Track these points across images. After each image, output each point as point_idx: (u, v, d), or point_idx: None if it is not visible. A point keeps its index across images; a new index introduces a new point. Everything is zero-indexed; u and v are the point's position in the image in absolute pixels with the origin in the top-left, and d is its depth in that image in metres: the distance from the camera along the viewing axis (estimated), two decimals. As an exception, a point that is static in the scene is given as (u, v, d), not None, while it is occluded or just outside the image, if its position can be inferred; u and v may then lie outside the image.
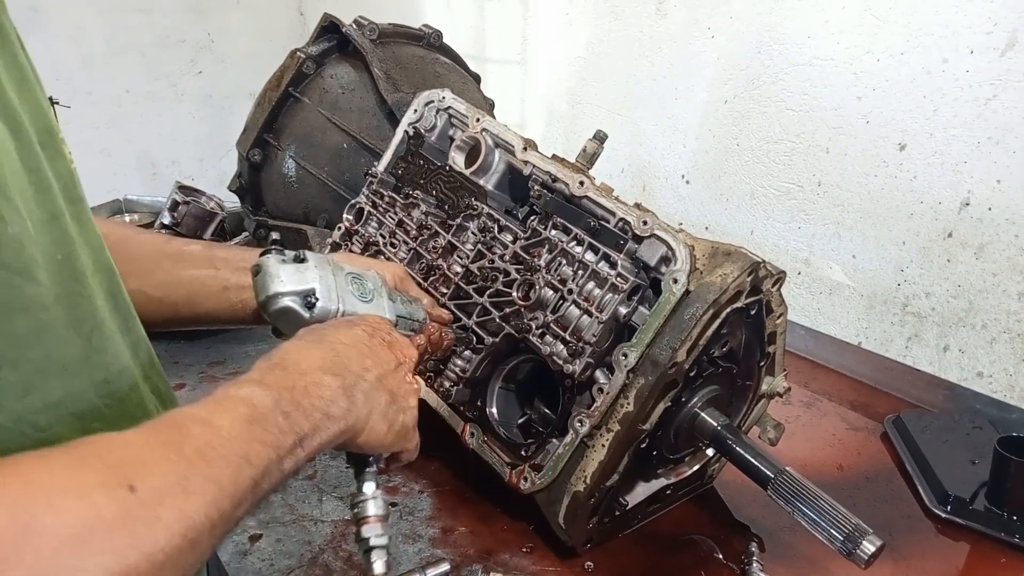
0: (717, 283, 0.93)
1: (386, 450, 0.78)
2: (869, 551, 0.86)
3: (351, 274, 0.85)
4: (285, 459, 0.61)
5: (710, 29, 1.96)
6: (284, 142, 1.56)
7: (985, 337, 1.53)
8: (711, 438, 1.02)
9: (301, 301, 0.78)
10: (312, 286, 0.79)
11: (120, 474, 0.49)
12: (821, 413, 1.49)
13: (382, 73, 1.49)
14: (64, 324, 0.58)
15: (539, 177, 1.11)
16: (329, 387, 0.68)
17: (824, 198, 1.77)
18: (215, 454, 0.55)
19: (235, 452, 0.56)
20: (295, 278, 0.79)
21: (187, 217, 2.05)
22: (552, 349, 1.02)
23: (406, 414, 0.78)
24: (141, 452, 0.52)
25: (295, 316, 0.78)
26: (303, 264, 0.80)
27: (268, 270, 0.78)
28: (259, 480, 0.58)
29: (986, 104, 1.44)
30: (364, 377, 0.73)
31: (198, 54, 3.62)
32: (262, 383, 0.64)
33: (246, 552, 1.06)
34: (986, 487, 1.15)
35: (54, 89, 2.52)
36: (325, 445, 0.67)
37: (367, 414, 0.72)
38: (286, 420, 0.62)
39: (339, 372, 0.70)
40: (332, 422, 0.67)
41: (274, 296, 0.77)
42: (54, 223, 0.59)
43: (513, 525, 1.12)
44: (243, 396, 0.62)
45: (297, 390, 0.65)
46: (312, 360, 0.70)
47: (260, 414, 0.61)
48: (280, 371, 0.67)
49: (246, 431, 0.59)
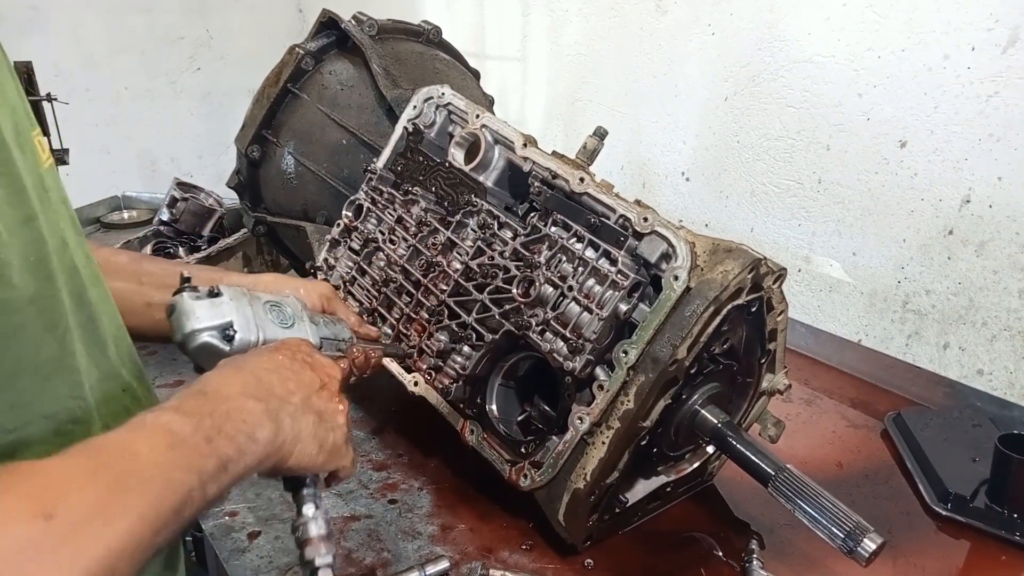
0: (718, 280, 0.92)
1: (320, 470, 0.78)
2: (870, 549, 0.86)
3: (269, 302, 0.85)
4: (208, 484, 0.60)
5: (710, 26, 1.95)
6: (283, 138, 1.55)
7: (985, 335, 1.53)
8: (711, 435, 1.02)
9: (219, 335, 0.77)
10: (229, 319, 0.78)
11: (38, 502, 0.49)
12: (821, 410, 1.49)
13: (381, 69, 1.48)
14: (37, 326, 0.58)
15: (539, 173, 1.11)
16: (252, 411, 0.68)
17: (824, 195, 1.77)
18: (135, 481, 0.55)
19: (155, 479, 0.56)
20: (210, 313, 0.78)
21: (185, 214, 2.05)
22: (552, 346, 1.02)
23: (335, 432, 0.78)
24: (60, 480, 0.51)
25: (215, 350, 0.77)
26: (218, 298, 0.79)
27: (183, 308, 0.77)
28: (180, 507, 0.57)
29: (987, 101, 1.44)
30: (289, 400, 0.73)
31: (197, 51, 3.61)
32: (180, 409, 0.63)
33: (244, 549, 1.05)
34: (987, 485, 1.15)
35: (53, 86, 2.53)
36: (252, 469, 0.66)
37: (295, 436, 0.72)
38: (208, 445, 0.61)
39: (262, 397, 0.70)
40: (257, 445, 0.67)
41: (191, 333, 0.77)
42: (29, 225, 0.59)
43: (513, 522, 1.12)
44: (162, 423, 0.61)
45: (219, 415, 0.65)
46: (234, 386, 0.69)
47: (180, 439, 0.60)
48: (201, 397, 0.66)
49: (166, 457, 0.58)
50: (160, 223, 2.07)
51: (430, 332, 1.16)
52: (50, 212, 0.64)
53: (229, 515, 1.12)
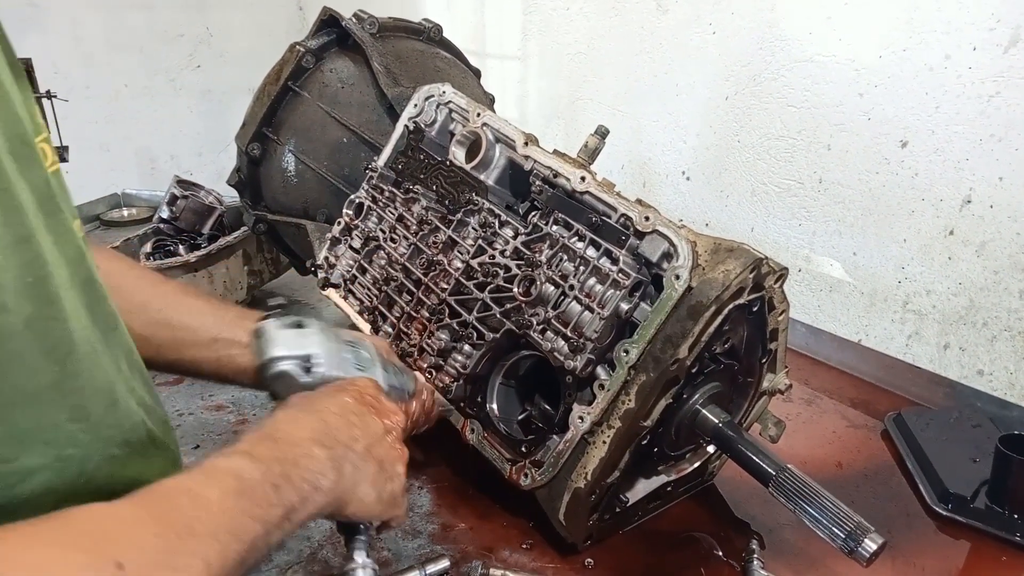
0: (720, 279, 0.92)
1: (376, 518, 0.79)
2: (871, 549, 0.86)
3: (349, 342, 0.87)
4: (272, 533, 0.60)
5: (711, 25, 1.95)
6: (283, 136, 1.55)
7: (986, 335, 1.52)
8: (712, 435, 1.02)
9: (300, 365, 0.80)
10: (312, 351, 0.81)
11: (108, 552, 0.48)
12: (821, 410, 1.49)
13: (382, 67, 1.48)
14: (34, 351, 0.57)
15: (540, 172, 1.10)
16: (318, 459, 0.68)
17: (825, 195, 1.77)
18: (203, 529, 0.54)
19: (223, 527, 0.56)
20: (295, 343, 0.81)
21: (185, 211, 2.04)
22: (553, 345, 1.01)
23: (394, 482, 0.79)
24: (129, 527, 0.51)
25: (292, 381, 0.80)
26: (304, 330, 0.82)
27: (269, 334, 0.80)
28: (246, 555, 0.57)
29: (988, 101, 1.44)
30: (352, 448, 0.73)
31: (196, 49, 3.61)
32: (251, 454, 0.63)
33: (245, 548, 1.05)
34: (987, 485, 1.14)
35: (52, 84, 2.53)
36: (312, 516, 0.67)
37: (354, 484, 0.72)
38: (275, 493, 0.61)
39: (328, 443, 0.70)
40: (320, 494, 0.67)
41: (273, 360, 0.79)
42: (24, 246, 0.57)
43: (513, 521, 1.12)
44: (232, 468, 0.61)
45: (287, 462, 0.64)
46: (302, 431, 0.70)
47: (249, 487, 0.60)
48: (270, 442, 0.66)
49: (235, 505, 0.58)
50: (160, 221, 2.07)
51: (431, 331, 1.16)
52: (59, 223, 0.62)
53: (229, 513, 1.12)
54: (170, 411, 1.39)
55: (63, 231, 0.62)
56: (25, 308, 0.55)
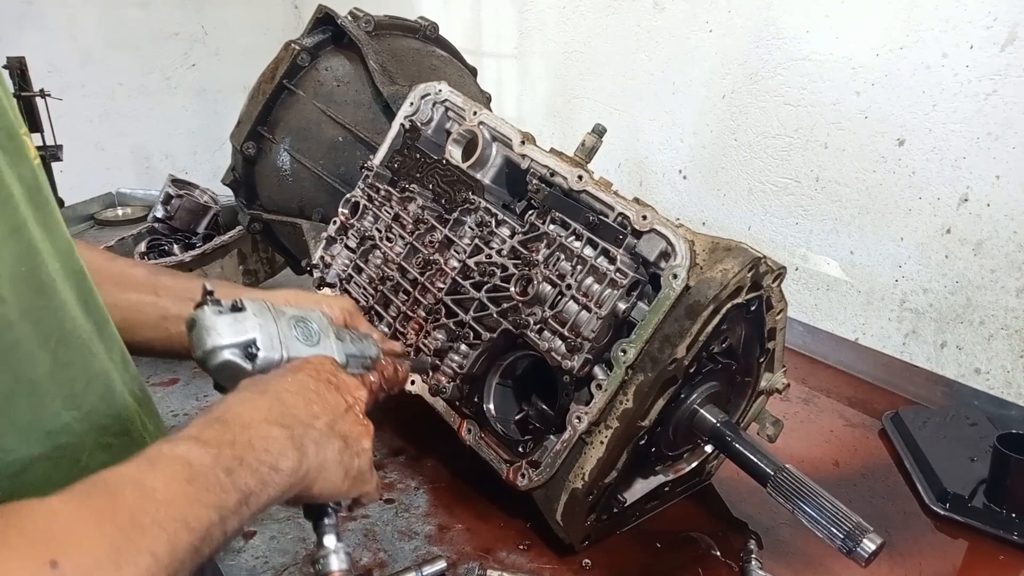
0: (718, 279, 0.92)
1: (344, 497, 0.75)
2: (869, 549, 0.86)
3: (294, 317, 0.80)
4: (228, 519, 0.57)
5: (708, 23, 1.94)
6: (279, 135, 1.54)
7: (983, 334, 1.52)
8: (710, 435, 1.01)
9: (241, 353, 0.73)
10: (252, 336, 0.74)
11: (43, 550, 0.46)
12: (819, 409, 1.49)
13: (378, 66, 1.47)
14: (31, 341, 0.56)
15: (537, 171, 1.10)
16: (276, 439, 0.65)
17: (822, 194, 1.76)
18: (149, 521, 0.51)
19: (172, 517, 0.53)
20: (233, 329, 0.73)
21: (180, 210, 2.04)
22: (550, 345, 1.01)
23: (361, 458, 0.74)
24: (68, 524, 0.48)
25: (236, 369, 0.73)
26: (241, 313, 0.75)
27: (204, 323, 0.73)
28: (199, 545, 0.54)
29: (986, 99, 1.44)
30: (313, 425, 0.69)
31: (192, 47, 3.60)
32: (200, 439, 0.60)
33: (240, 549, 1.04)
34: (985, 484, 1.14)
35: (47, 82, 2.51)
36: (275, 500, 0.63)
37: (319, 464, 0.68)
38: (228, 478, 0.58)
39: (286, 423, 0.67)
40: (281, 476, 0.63)
41: (212, 350, 0.72)
42: (16, 235, 0.56)
43: (510, 522, 1.11)
44: (179, 454, 0.58)
45: (240, 444, 0.61)
46: (256, 412, 0.66)
47: (199, 473, 0.57)
48: (220, 425, 0.63)
49: (183, 492, 0.55)
50: (154, 220, 2.06)
51: (427, 330, 1.15)
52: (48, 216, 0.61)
53: (224, 515, 1.11)
54: (164, 412, 1.38)
55: (52, 224, 0.62)
56: (22, 298, 0.55)
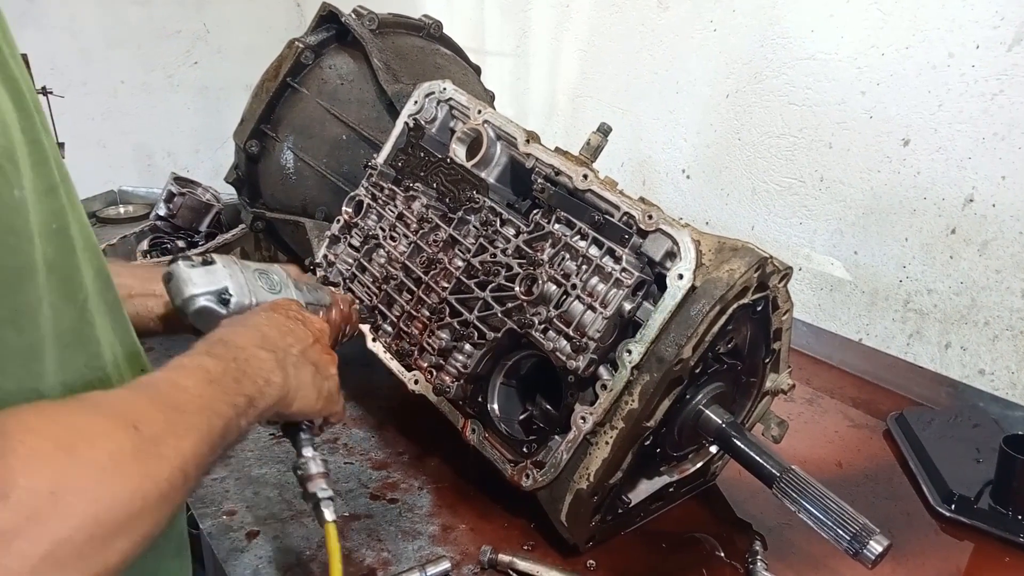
0: (724, 279, 0.91)
1: (317, 415, 0.85)
2: (876, 551, 0.85)
3: (257, 270, 0.91)
4: (241, 417, 0.68)
5: (712, 22, 1.94)
6: (282, 133, 1.54)
7: (987, 334, 1.52)
8: (716, 436, 1.01)
9: (216, 299, 0.84)
10: (224, 284, 0.85)
11: (124, 419, 0.55)
12: (823, 410, 1.48)
13: (382, 64, 1.47)
14: (58, 295, 0.61)
15: (542, 170, 1.09)
16: (266, 360, 0.75)
17: (826, 194, 1.76)
18: (190, 407, 0.62)
19: (204, 406, 0.64)
20: (207, 279, 0.85)
21: (183, 209, 2.03)
22: (555, 345, 1.00)
23: (330, 381, 0.86)
24: (133, 403, 0.59)
25: (213, 314, 0.84)
26: (212, 266, 0.86)
27: (180, 275, 0.84)
28: (225, 432, 0.65)
29: (992, 99, 1.43)
30: (290, 352, 0.80)
31: (194, 45, 3.59)
32: (211, 354, 0.71)
33: (243, 550, 1.04)
34: (991, 486, 1.14)
35: (49, 80, 2.51)
36: (269, 409, 0.74)
37: (298, 384, 0.79)
38: (236, 384, 0.69)
39: (270, 348, 0.77)
40: (272, 388, 0.74)
41: (190, 298, 0.83)
42: (52, 194, 0.61)
43: (514, 522, 1.11)
44: (198, 364, 0.68)
45: (240, 360, 0.72)
46: (246, 339, 0.77)
47: (216, 377, 0.68)
48: (223, 346, 0.74)
49: (208, 391, 0.66)
50: (157, 218, 2.06)
51: (431, 330, 1.15)
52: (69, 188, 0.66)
53: (227, 514, 1.11)
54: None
55: (73, 197, 0.66)
56: (50, 254, 0.60)
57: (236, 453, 1.25)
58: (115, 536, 0.51)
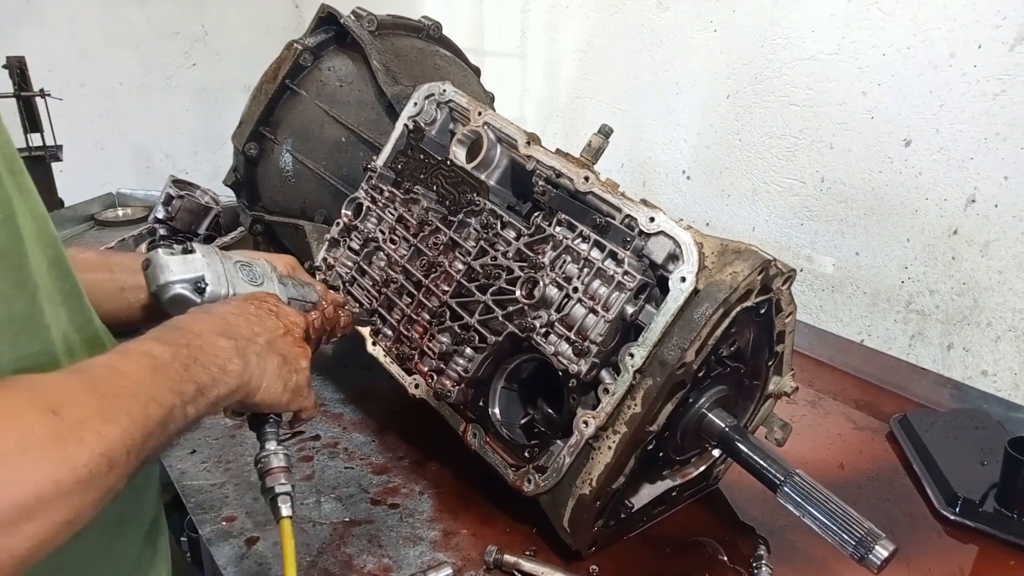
0: (727, 282, 0.91)
1: (284, 408, 0.84)
2: (882, 556, 0.85)
3: (239, 262, 0.91)
4: (188, 405, 0.66)
5: (712, 23, 1.93)
6: (281, 136, 1.53)
7: (990, 335, 1.51)
8: (719, 439, 1.00)
9: (191, 287, 0.85)
10: (201, 273, 0.85)
11: (45, 402, 0.54)
12: (825, 412, 1.48)
13: (381, 65, 1.46)
14: (8, 281, 0.61)
15: (543, 172, 1.09)
16: (223, 347, 0.74)
17: (827, 194, 1.75)
18: (126, 392, 0.61)
19: (142, 392, 0.62)
20: (184, 267, 0.85)
21: (181, 211, 2.02)
22: (557, 348, 1.00)
23: (299, 374, 0.84)
24: (61, 387, 0.57)
25: (187, 301, 0.84)
26: (191, 255, 0.86)
27: (158, 262, 0.85)
28: (166, 420, 0.63)
29: (994, 99, 1.42)
30: (255, 340, 0.79)
31: (192, 47, 3.58)
32: (160, 339, 0.70)
33: (243, 556, 1.03)
34: (996, 489, 1.13)
35: (46, 81, 2.50)
36: (224, 398, 0.73)
37: (260, 374, 0.78)
38: (186, 371, 0.68)
39: (231, 335, 0.76)
40: (228, 376, 0.73)
41: (165, 285, 0.84)
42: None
43: (516, 528, 1.10)
44: (144, 349, 0.67)
45: (193, 347, 0.71)
46: (205, 325, 0.76)
47: (162, 364, 0.66)
48: (176, 331, 0.73)
49: (150, 377, 0.64)
50: (155, 221, 2.05)
51: (432, 333, 1.14)
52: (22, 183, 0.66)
53: (227, 520, 1.10)
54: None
55: (25, 190, 0.66)
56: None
57: (235, 459, 1.24)
58: (22, 520, 0.50)
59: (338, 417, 1.40)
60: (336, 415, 1.40)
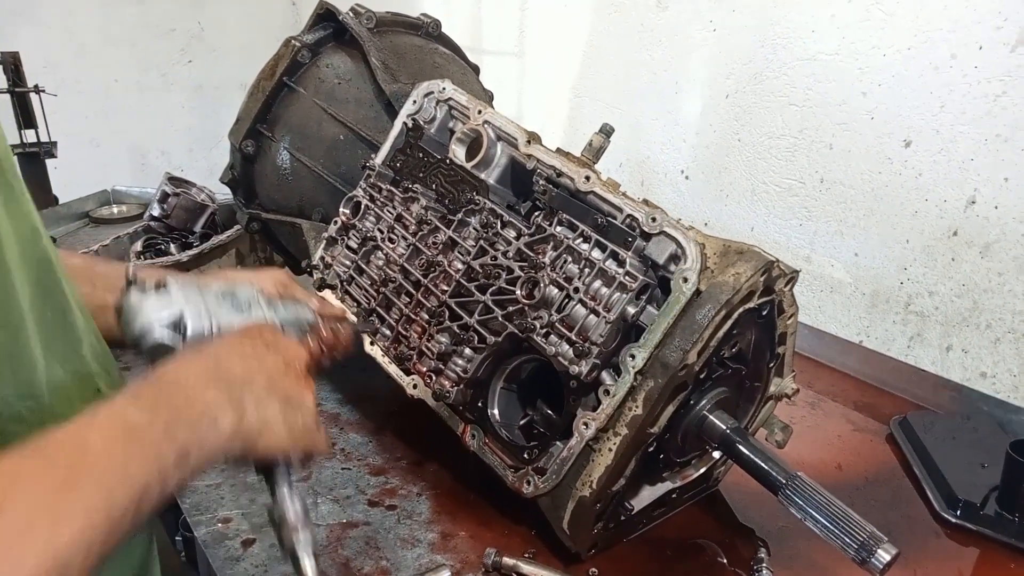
0: (730, 283, 0.90)
1: (293, 453, 0.76)
2: (884, 560, 0.84)
3: (220, 291, 0.82)
4: (168, 474, 0.59)
5: (712, 22, 1.93)
6: (278, 133, 1.52)
7: (989, 337, 1.51)
8: (720, 441, 0.99)
9: (170, 328, 0.76)
10: (178, 309, 0.76)
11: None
12: (825, 414, 1.47)
13: (380, 63, 1.45)
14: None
15: (543, 171, 1.08)
16: (212, 398, 0.66)
17: (827, 195, 1.75)
18: (86, 478, 0.54)
19: (108, 473, 0.55)
20: (159, 305, 0.76)
21: (177, 209, 2.01)
22: (557, 349, 0.99)
23: (305, 414, 0.76)
24: (8, 478, 0.51)
25: (168, 350, 0.75)
26: (165, 291, 0.77)
27: (131, 306, 0.76)
28: (139, 498, 0.56)
29: (995, 101, 1.42)
30: (251, 385, 0.71)
31: (188, 43, 3.57)
32: (138, 398, 0.62)
33: (239, 558, 1.02)
34: (997, 491, 1.13)
35: (42, 78, 2.48)
36: (216, 456, 0.66)
37: (261, 422, 0.70)
38: (166, 434, 0.60)
39: (223, 381, 0.68)
40: (220, 430, 0.65)
41: (142, 331, 0.75)
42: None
43: (515, 530, 1.09)
44: (116, 413, 0.60)
45: (176, 402, 0.63)
46: (191, 372, 0.68)
47: (136, 430, 0.59)
48: (156, 385, 0.65)
49: (121, 450, 0.57)
50: (151, 219, 2.03)
51: (430, 334, 1.13)
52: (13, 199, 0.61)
53: (222, 522, 1.09)
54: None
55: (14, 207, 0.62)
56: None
57: (232, 458, 1.23)
58: None
59: (335, 417, 1.39)
60: (333, 415, 1.39)
